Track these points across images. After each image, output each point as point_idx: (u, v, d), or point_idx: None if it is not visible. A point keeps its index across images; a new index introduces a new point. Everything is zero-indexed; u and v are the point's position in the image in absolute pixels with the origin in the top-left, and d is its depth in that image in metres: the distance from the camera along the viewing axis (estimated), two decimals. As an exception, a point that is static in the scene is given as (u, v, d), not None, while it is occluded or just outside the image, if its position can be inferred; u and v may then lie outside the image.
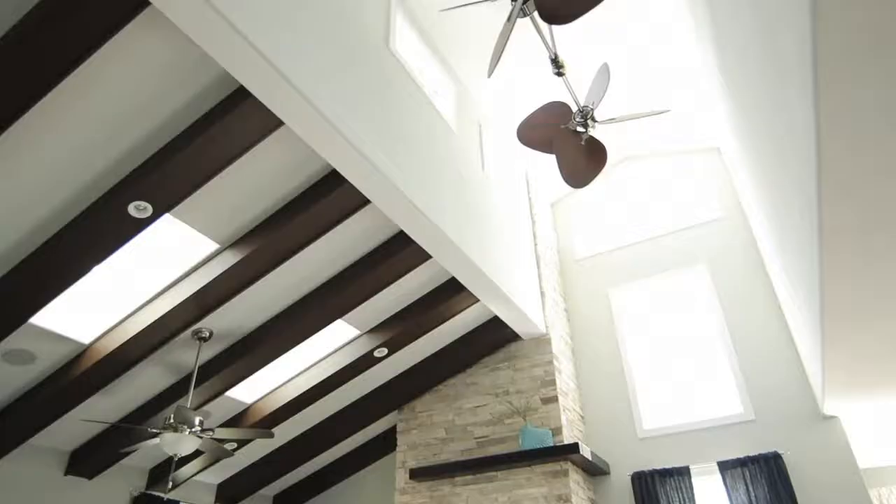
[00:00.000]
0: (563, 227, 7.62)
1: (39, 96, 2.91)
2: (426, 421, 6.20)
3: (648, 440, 5.77)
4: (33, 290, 3.84)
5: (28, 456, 5.33)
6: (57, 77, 2.87)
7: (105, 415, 5.32)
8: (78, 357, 4.66)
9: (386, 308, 5.44)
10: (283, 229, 4.12)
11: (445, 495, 5.59)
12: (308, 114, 3.21)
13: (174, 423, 4.28)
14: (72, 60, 2.84)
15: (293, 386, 5.89)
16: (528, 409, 5.64)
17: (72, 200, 3.62)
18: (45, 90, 2.90)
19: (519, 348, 6.03)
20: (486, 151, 5.81)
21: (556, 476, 5.14)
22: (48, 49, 2.74)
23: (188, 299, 4.34)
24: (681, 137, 7.05)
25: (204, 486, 6.94)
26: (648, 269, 6.69)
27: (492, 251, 5.06)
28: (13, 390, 4.76)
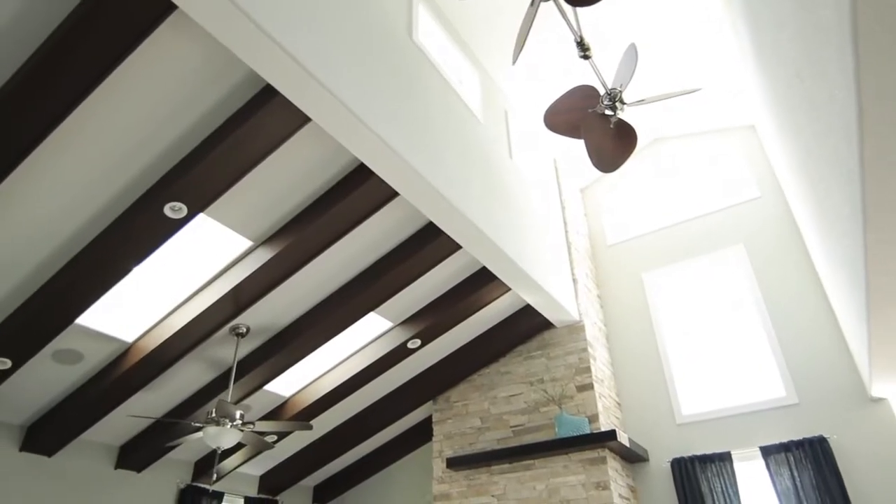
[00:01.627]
0: (594, 213, 7.53)
1: (75, 104, 3.00)
2: (461, 410, 6.23)
3: (687, 426, 5.69)
4: (78, 291, 3.97)
5: (80, 451, 5.55)
6: (91, 84, 2.95)
7: (150, 410, 5.50)
8: (122, 355, 4.81)
9: (418, 299, 5.46)
10: (314, 225, 4.16)
11: (483, 484, 5.61)
12: (335, 109, 3.23)
13: (216, 417, 4.39)
14: (103, 68, 2.91)
15: (329, 379, 5.99)
16: (564, 397, 5.61)
17: (110, 204, 3.73)
18: (80, 98, 2.98)
19: (552, 336, 5.99)
20: (514, 139, 5.76)
21: (593, 463, 5.11)
22: (81, 57, 2.81)
23: (225, 296, 4.43)
24: (713, 116, 6.87)
25: (247, 478, 7.12)
26: (683, 252, 6.56)
27: (522, 239, 5.03)
28: (64, 388, 4.95)
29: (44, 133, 3.05)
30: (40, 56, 2.79)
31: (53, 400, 5.03)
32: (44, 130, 3.04)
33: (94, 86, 2.96)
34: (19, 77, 2.86)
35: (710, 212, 6.60)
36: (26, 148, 3.08)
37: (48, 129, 3.04)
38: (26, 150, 3.09)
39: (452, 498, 5.74)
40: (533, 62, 5.84)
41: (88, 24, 2.71)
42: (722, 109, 6.71)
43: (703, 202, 6.74)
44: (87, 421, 5.09)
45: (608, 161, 3.74)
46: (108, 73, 2.94)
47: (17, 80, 2.85)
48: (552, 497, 5.17)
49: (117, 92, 3.21)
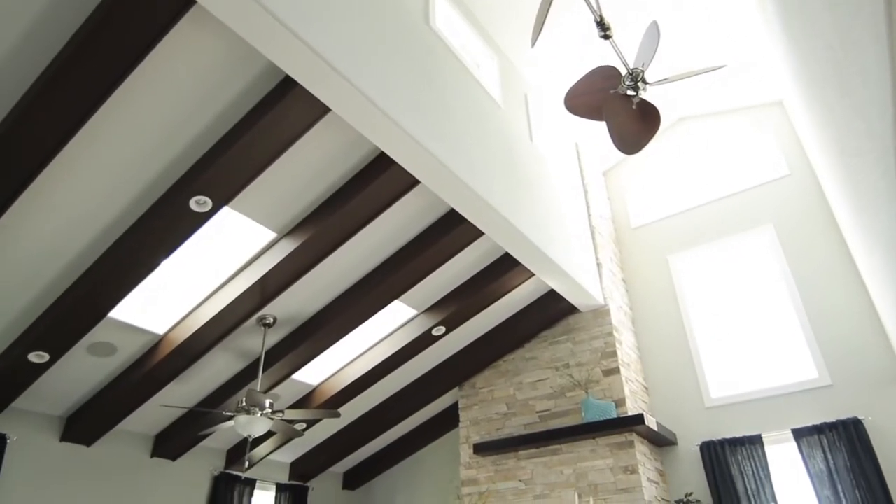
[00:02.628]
0: (617, 196, 7.43)
1: (99, 103, 3.04)
2: (487, 397, 6.25)
3: (716, 409, 5.62)
4: (110, 286, 4.07)
5: (118, 440, 5.71)
6: (113, 84, 2.98)
7: (183, 400, 5.63)
8: (154, 347, 4.92)
9: (441, 287, 5.47)
10: (336, 214, 4.19)
11: (510, 469, 5.64)
12: (354, 98, 3.23)
13: (246, 406, 4.48)
14: (125, 66, 2.94)
15: (356, 367, 6.05)
16: (590, 382, 5.58)
17: (137, 200, 3.79)
18: (104, 97, 3.02)
19: (577, 321, 5.96)
20: (534, 123, 5.69)
21: (621, 447, 5.09)
22: (103, 56, 2.85)
23: (251, 287, 4.50)
24: (738, 93, 6.70)
25: (278, 465, 7.26)
26: (709, 233, 6.45)
27: (544, 224, 4.99)
28: (99, 380, 5.09)
29: (71, 132, 3.11)
30: (64, 57, 2.84)
31: (90, 391, 5.18)
32: (70, 129, 3.09)
33: (117, 85, 3.00)
34: (44, 78, 2.91)
35: (737, 191, 6.47)
36: (53, 148, 3.14)
37: (74, 128, 3.09)
38: (54, 151, 3.15)
39: (480, 483, 5.78)
40: (552, 44, 5.75)
41: (109, 23, 2.74)
42: (748, 86, 6.54)
43: (729, 182, 6.60)
44: (122, 411, 5.23)
45: (631, 142, 3.68)
46: (129, 71, 2.97)
47: (43, 81, 2.90)
48: (580, 481, 5.17)
49: (139, 90, 3.25)
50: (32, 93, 2.95)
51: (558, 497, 5.23)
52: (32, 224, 3.69)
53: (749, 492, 4.98)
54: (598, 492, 5.04)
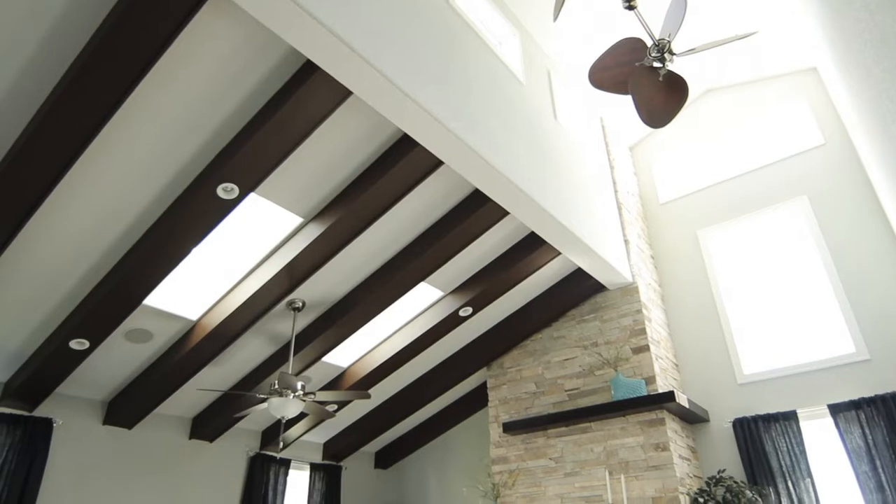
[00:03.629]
0: (644, 171, 7.29)
1: (125, 96, 3.08)
2: (515, 376, 6.27)
3: (749, 385, 5.54)
4: (143, 274, 4.17)
5: (157, 423, 5.90)
6: (138, 75, 3.01)
7: (218, 384, 5.77)
8: (188, 332, 5.04)
9: (467, 267, 5.47)
10: (360, 198, 4.20)
11: (540, 447, 5.66)
12: (375, 81, 3.21)
13: (279, 388, 4.57)
14: (149, 58, 2.96)
15: (385, 349, 6.11)
16: (619, 360, 5.55)
17: (166, 189, 3.86)
18: (129, 89, 3.06)
19: (605, 299, 5.91)
20: (558, 99, 5.60)
21: (652, 425, 5.07)
22: (126, 48, 2.87)
23: (280, 272, 4.56)
24: (770, 61, 6.48)
25: (311, 445, 7.42)
26: (741, 206, 6.30)
27: (570, 202, 4.93)
28: (137, 365, 5.25)
29: (98, 126, 3.16)
30: (88, 53, 2.87)
31: (129, 377, 5.34)
32: (97, 124, 3.14)
33: (141, 77, 3.03)
34: (70, 75, 2.96)
35: (769, 163, 6.29)
36: (83, 143, 3.20)
37: (101, 122, 3.14)
38: (83, 145, 3.21)
39: (510, 461, 5.82)
40: (575, 17, 5.63)
41: (130, 17, 2.76)
42: (779, 53, 6.32)
43: (760, 153, 6.42)
44: (160, 395, 5.39)
45: (658, 116, 3.59)
46: (153, 63, 2.99)
47: (70, 78, 2.95)
48: (610, 459, 5.17)
49: (163, 82, 3.29)
50: (60, 87, 3.00)
51: (589, 474, 5.25)
52: (68, 217, 3.79)
53: (784, 468, 4.92)
54: (628, 469, 5.04)
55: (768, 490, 4.93)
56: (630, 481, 4.99)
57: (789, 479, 4.87)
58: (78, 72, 2.90)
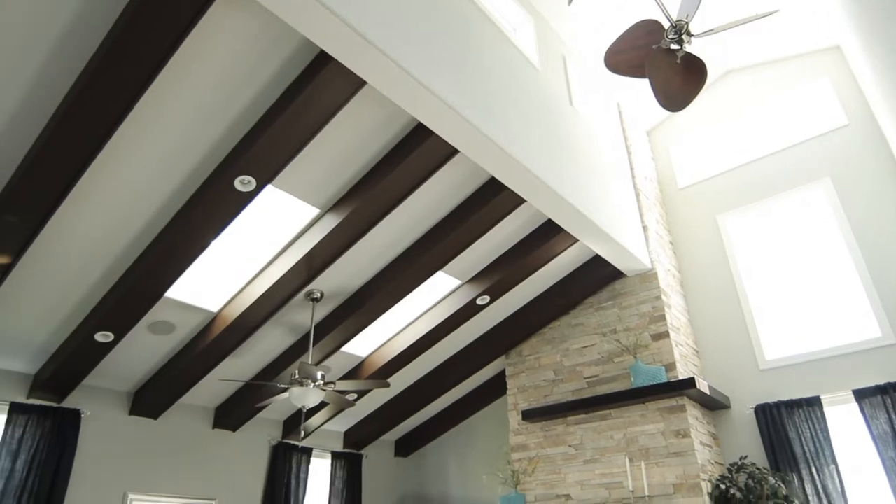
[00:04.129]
0: (662, 156, 7.20)
1: (143, 91, 3.10)
2: (534, 364, 6.26)
3: (771, 371, 5.48)
4: (164, 267, 4.22)
5: (181, 413, 6.01)
6: (154, 70, 3.03)
7: (239, 374, 5.85)
8: (210, 324, 5.11)
9: (484, 256, 5.46)
10: (376, 188, 4.20)
11: (559, 434, 5.66)
12: (389, 70, 3.20)
13: (299, 378, 4.62)
14: (164, 53, 2.98)
15: (403, 338, 6.14)
16: (638, 347, 5.51)
17: (184, 183, 3.90)
18: (146, 84, 3.08)
19: (624, 286, 5.86)
20: (574, 85, 5.54)
21: (672, 412, 5.04)
22: (142, 45, 2.89)
23: (298, 264, 4.59)
24: (791, 41, 6.33)
25: (332, 434, 7.51)
26: (762, 190, 6.19)
27: (587, 188, 4.88)
28: (161, 357, 5.34)
29: (115, 124, 3.19)
30: (104, 51, 2.90)
31: (153, 368, 5.44)
32: (114, 122, 3.17)
33: (157, 71, 3.05)
34: (88, 72, 2.99)
35: (790, 145, 6.17)
36: (102, 137, 3.24)
37: (120, 117, 3.18)
38: (101, 142, 3.25)
39: (530, 448, 5.83)
40: (590, 1, 5.54)
41: (144, 13, 2.77)
42: (800, 32, 6.17)
43: (782, 135, 6.29)
44: (184, 386, 5.48)
45: (676, 99, 3.53)
46: (167, 58, 3.00)
47: (87, 76, 2.98)
48: (630, 446, 5.16)
49: (178, 78, 3.31)
50: (75, 91, 3.03)
51: (609, 461, 5.24)
52: (89, 214, 3.85)
53: (808, 454, 4.87)
54: (649, 456, 5.02)
55: (791, 476, 4.88)
56: (650, 468, 4.97)
57: (813, 466, 4.81)
58: (95, 69, 2.92)
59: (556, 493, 5.46)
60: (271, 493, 6.43)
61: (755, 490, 4.68)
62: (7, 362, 4.84)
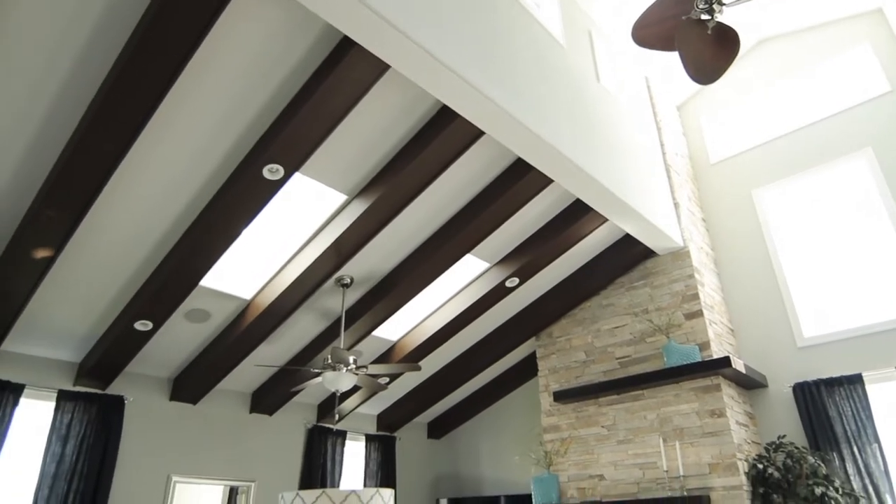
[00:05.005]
0: (694, 131, 7.02)
1: (170, 84, 3.14)
2: (565, 345, 6.24)
3: (810, 349, 5.35)
4: (198, 256, 4.31)
5: (219, 398, 6.17)
6: (180, 64, 3.06)
7: (274, 360, 5.97)
8: (243, 311, 5.22)
9: (513, 238, 5.43)
10: (403, 173, 4.20)
11: (591, 415, 5.65)
12: (412, 53, 3.18)
13: (332, 362, 4.69)
14: (189, 45, 3.00)
15: (433, 322, 6.18)
16: (671, 326, 5.44)
17: (214, 173, 3.96)
18: (173, 77, 3.12)
19: (655, 265, 5.77)
20: (600, 61, 5.42)
21: (707, 391, 4.97)
22: (168, 38, 2.93)
23: (327, 250, 4.64)
24: (828, 5, 6.06)
25: (365, 417, 7.63)
26: (799, 162, 6.00)
27: (616, 166, 4.80)
28: (198, 344, 5.48)
29: (145, 119, 3.24)
30: (133, 44, 2.94)
31: (191, 355, 5.59)
32: (144, 117, 3.23)
33: (183, 65, 3.08)
34: (117, 69, 3.04)
35: (829, 115, 5.94)
36: (131, 136, 3.30)
37: (149, 112, 3.23)
38: (131, 138, 3.31)
39: (562, 429, 5.84)
40: (615, -27, 5.40)
41: (168, 7, 2.80)
42: (840, -4, 5.91)
43: (820, 105, 6.07)
44: (220, 372, 5.62)
45: (707, 71, 3.43)
46: (193, 51, 3.02)
47: (116, 73, 3.03)
48: (664, 426, 5.12)
49: (204, 69, 3.34)
50: (107, 83, 3.09)
51: (642, 442, 5.21)
52: (124, 206, 3.95)
53: (849, 433, 4.76)
54: (683, 436, 4.98)
55: (832, 455, 4.78)
56: (685, 448, 4.93)
57: (854, 445, 4.71)
58: (123, 66, 2.97)
59: (590, 474, 5.47)
60: (308, 475, 6.59)
61: (794, 469, 4.61)
62: (54, 352, 5.03)
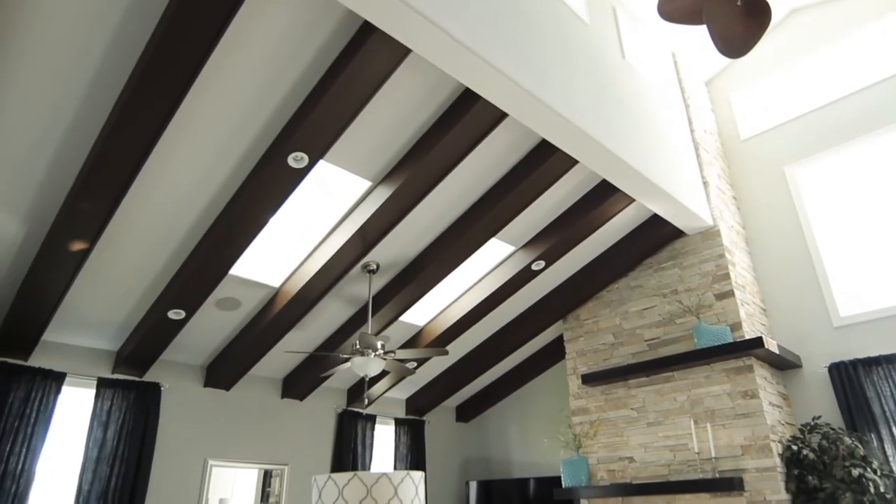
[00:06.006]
0: (723, 106, 6.84)
1: (194, 77, 3.16)
2: (592, 328, 6.20)
3: (846, 328, 5.22)
4: (227, 245, 4.38)
5: (251, 384, 6.30)
6: (203, 56, 3.08)
7: (303, 346, 6.06)
8: (272, 299, 5.30)
9: (538, 221, 5.39)
10: (426, 157, 4.19)
11: (620, 397, 5.62)
12: (433, 36, 3.14)
13: (360, 348, 4.74)
14: (212, 37, 3.01)
15: (459, 306, 6.19)
16: (701, 307, 5.35)
17: (240, 163, 4.00)
18: (197, 70, 3.14)
19: (684, 245, 5.67)
20: (625, 37, 5.30)
21: (739, 372, 4.89)
22: (191, 32, 2.94)
23: (353, 236, 4.66)
24: (866, -29, 5.81)
25: (394, 402, 7.71)
26: (834, 136, 5.80)
27: (643, 145, 4.71)
28: (229, 332, 5.59)
29: (170, 113, 3.28)
30: (158, 38, 2.97)
31: (223, 342, 5.71)
32: (168, 112, 3.26)
33: (206, 58, 3.09)
34: (140, 66, 3.07)
35: (867, 85, 5.72)
36: (157, 131, 3.34)
37: (175, 105, 3.26)
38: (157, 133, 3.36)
39: (591, 412, 5.82)
40: (640, -54, 5.25)
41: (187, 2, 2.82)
42: (878, -40, 5.66)
43: (856, 76, 5.84)
44: (251, 359, 5.73)
45: (737, 45, 3.32)
46: (216, 41, 3.04)
47: (139, 70, 3.07)
48: (695, 407, 5.06)
49: (227, 61, 3.36)
50: (129, 88, 3.13)
51: (673, 424, 5.17)
52: (154, 198, 4.02)
53: (888, 414, 4.64)
54: (714, 418, 4.92)
55: (870, 437, 4.68)
56: (717, 430, 4.87)
57: (894, 426, 4.59)
58: (146, 64, 3.00)
59: (619, 456, 5.45)
60: (339, 458, 6.70)
61: (830, 451, 4.53)
62: (92, 341, 5.18)
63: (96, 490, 4.76)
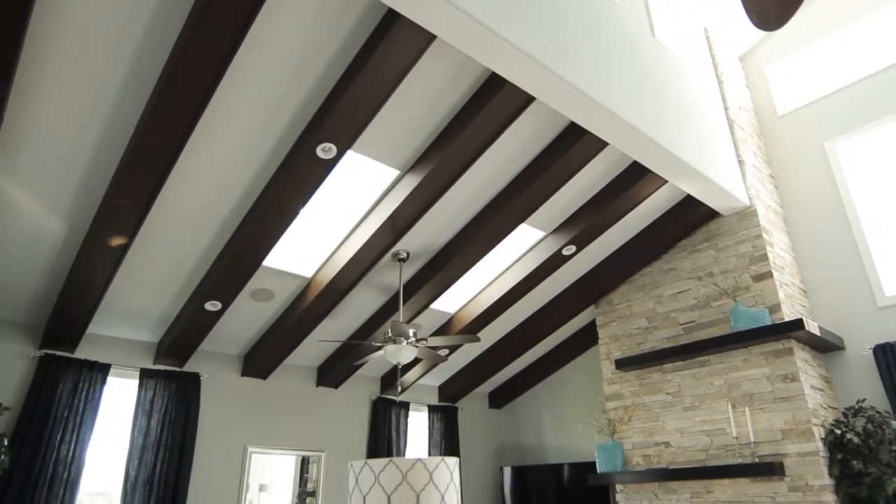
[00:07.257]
0: (758, 82, 6.62)
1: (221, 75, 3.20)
2: (625, 312, 6.12)
3: (892, 308, 5.04)
4: (260, 237, 4.45)
5: (287, 373, 6.42)
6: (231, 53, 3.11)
7: (336, 335, 6.14)
8: (305, 289, 5.37)
9: (568, 205, 5.33)
10: (454, 144, 4.17)
11: (655, 382, 5.55)
12: (458, 20, 3.11)
13: (392, 336, 4.78)
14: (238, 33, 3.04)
15: (490, 292, 6.18)
16: (738, 289, 5.23)
17: (271, 156, 4.05)
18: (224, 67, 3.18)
19: (719, 226, 5.54)
20: (655, 13, 5.16)
21: (778, 355, 4.78)
22: (216, 29, 2.98)
23: (383, 225, 4.69)
24: (911, -67, 5.53)
25: (427, 388, 7.77)
26: (875, 109, 5.57)
27: (675, 124, 4.60)
28: (264, 322, 5.69)
29: (200, 109, 3.33)
30: (185, 35, 3.01)
31: (258, 332, 5.82)
32: (201, 104, 3.32)
33: (234, 53, 3.13)
34: (171, 63, 3.12)
35: (911, 55, 5.47)
36: (189, 127, 3.40)
37: (204, 101, 3.31)
38: (189, 128, 3.41)
39: (625, 397, 5.77)
40: (669, -81, 5.09)
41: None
42: (924, -78, 5.37)
43: (901, 45, 5.58)
44: (287, 348, 5.84)
45: (772, 17, 3.19)
46: (241, 38, 3.06)
47: (169, 67, 3.12)
48: (732, 392, 4.97)
49: (254, 56, 3.38)
50: (158, 88, 3.18)
51: (710, 408, 5.09)
52: (188, 193, 4.10)
53: (937, 395, 4.48)
54: (753, 402, 4.82)
55: (918, 419, 4.52)
56: (756, 414, 4.78)
57: (944, 407, 4.43)
58: (176, 61, 3.05)
59: (655, 441, 5.39)
60: (374, 445, 6.80)
61: (875, 435, 4.40)
62: (134, 333, 5.35)
63: (143, 476, 4.93)
